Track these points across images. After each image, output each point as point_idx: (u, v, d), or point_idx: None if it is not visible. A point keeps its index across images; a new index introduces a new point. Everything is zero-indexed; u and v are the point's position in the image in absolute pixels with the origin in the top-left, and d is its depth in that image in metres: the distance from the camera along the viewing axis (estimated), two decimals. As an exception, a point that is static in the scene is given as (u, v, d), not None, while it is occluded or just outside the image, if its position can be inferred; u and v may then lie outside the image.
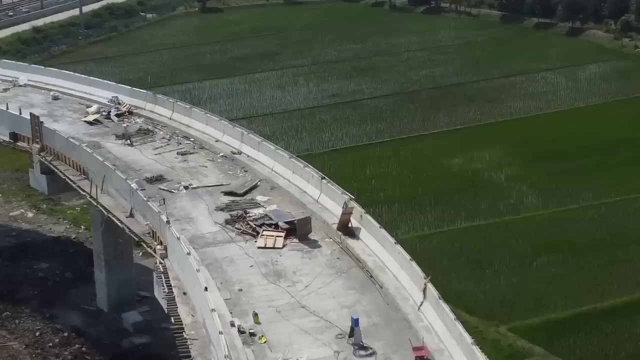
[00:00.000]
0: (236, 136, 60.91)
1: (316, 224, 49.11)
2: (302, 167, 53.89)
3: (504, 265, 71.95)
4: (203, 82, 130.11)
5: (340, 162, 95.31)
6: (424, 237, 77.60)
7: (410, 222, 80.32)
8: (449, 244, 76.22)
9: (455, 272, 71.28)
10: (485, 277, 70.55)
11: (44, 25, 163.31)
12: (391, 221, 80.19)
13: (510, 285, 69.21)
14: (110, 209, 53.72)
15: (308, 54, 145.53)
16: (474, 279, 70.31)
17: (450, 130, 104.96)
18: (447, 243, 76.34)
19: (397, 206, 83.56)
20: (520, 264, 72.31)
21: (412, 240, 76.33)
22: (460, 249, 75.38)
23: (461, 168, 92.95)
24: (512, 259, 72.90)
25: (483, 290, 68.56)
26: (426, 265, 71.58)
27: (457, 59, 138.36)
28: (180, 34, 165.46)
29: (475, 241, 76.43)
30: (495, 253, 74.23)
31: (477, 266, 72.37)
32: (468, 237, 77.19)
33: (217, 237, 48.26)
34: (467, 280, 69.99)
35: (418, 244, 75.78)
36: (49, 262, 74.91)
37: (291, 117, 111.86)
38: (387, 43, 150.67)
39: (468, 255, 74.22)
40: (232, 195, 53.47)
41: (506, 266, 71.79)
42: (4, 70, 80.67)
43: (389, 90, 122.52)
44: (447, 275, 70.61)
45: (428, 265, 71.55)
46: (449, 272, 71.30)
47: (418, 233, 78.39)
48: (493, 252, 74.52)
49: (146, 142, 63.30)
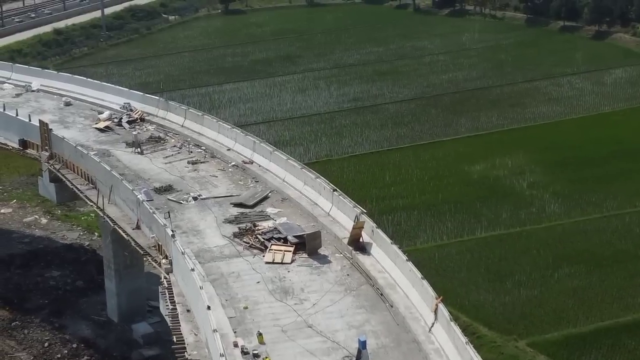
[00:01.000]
0: (248, 145, 59.41)
1: (327, 238, 47.52)
2: (313, 178, 52.32)
3: (525, 276, 70.12)
4: (223, 85, 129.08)
5: (359, 168, 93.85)
6: (442, 246, 75.93)
7: (429, 230, 78.58)
8: (469, 253, 74.45)
9: (474, 283, 69.64)
10: (504, 288, 68.74)
11: (65, 27, 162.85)
12: (410, 230, 78.92)
13: (530, 298, 67.36)
14: (117, 220, 52.35)
15: (330, 56, 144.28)
16: (493, 290, 68.57)
17: (472, 136, 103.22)
18: (466, 253, 74.56)
19: (416, 214, 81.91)
20: (541, 275, 70.44)
21: (430, 250, 75.06)
22: (480, 259, 73.62)
23: (482, 175, 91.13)
24: (532, 270, 71.06)
25: (502, 302, 66.75)
26: (444, 276, 71.32)
27: (481, 63, 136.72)
28: (202, 36, 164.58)
29: (495, 251, 74.65)
30: (516, 264, 72.42)
31: (497, 277, 70.60)
32: (488, 247, 75.42)
33: (224, 251, 46.76)
34: (486, 292, 68.26)
35: (437, 253, 74.39)
36: (61, 270, 73.77)
37: (311, 122, 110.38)
38: (410, 46, 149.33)
39: (487, 266, 72.46)
40: (242, 207, 51.96)
41: (526, 277, 69.97)
42: (18, 75, 79.52)
43: (411, 95, 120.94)
44: (466, 287, 69.16)
45: (446, 276, 71.12)
46: (468, 283, 69.77)
47: (437, 242, 76.72)
48: (513, 262, 72.72)
49: (157, 150, 61.90)
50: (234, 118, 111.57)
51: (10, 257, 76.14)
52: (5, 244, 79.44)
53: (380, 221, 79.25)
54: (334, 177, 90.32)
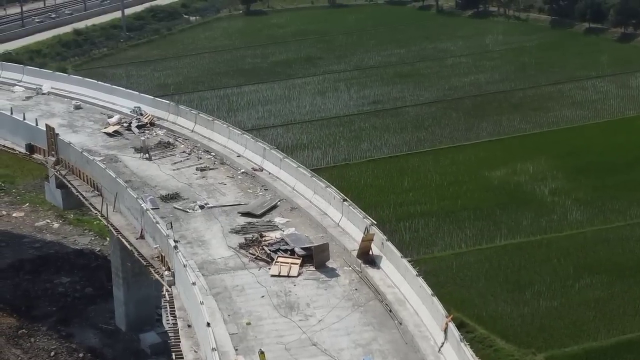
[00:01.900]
0: (258, 151, 57.82)
1: (335, 250, 45.83)
2: (323, 187, 50.59)
3: (544, 286, 68.11)
4: (242, 87, 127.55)
5: (377, 172, 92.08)
6: (461, 254, 74.03)
7: (448, 238, 76.70)
8: (487, 262, 72.50)
9: (492, 294, 67.76)
10: (523, 299, 66.77)
11: (86, 28, 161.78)
12: (427, 237, 77.17)
13: (549, 309, 65.32)
14: (121, 229, 50.88)
15: (351, 58, 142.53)
16: (511, 301, 66.60)
17: (493, 141, 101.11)
18: (485, 261, 72.62)
19: (434, 221, 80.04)
20: (562, 285, 68.39)
21: (448, 258, 73.29)
22: (499, 268, 71.66)
23: (503, 181, 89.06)
24: (552, 280, 69.02)
25: (521, 314, 64.79)
26: (462, 285, 69.51)
27: (504, 65, 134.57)
28: (223, 37, 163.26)
29: (515, 260, 72.65)
30: (536, 273, 70.42)
31: (516, 287, 68.63)
32: (507, 256, 73.44)
33: (229, 263, 45.14)
34: (504, 303, 66.30)
35: (454, 261, 72.58)
36: (71, 276, 72.57)
37: (330, 125, 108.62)
38: (432, 48, 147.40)
39: (506, 275, 70.51)
40: (249, 216, 50.34)
41: (546, 288, 67.94)
42: (29, 77, 78.31)
43: (432, 97, 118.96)
44: (484, 297, 67.35)
45: (464, 286, 69.31)
46: (486, 293, 67.93)
47: (455, 250, 74.80)
48: (533, 272, 70.72)
49: (165, 156, 60.41)
50: (251, 121, 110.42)
51: (20, 262, 75.07)
52: (16, 248, 78.43)
53: (398, 228, 78.33)
54: (351, 182, 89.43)
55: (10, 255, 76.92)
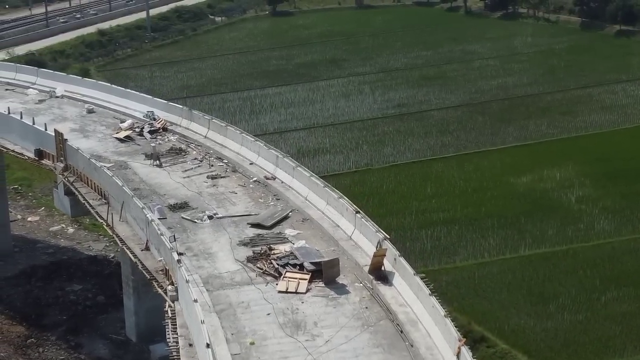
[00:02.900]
0: (271, 159, 55.83)
1: (347, 265, 43.80)
2: (336, 198, 48.54)
3: (569, 299, 65.83)
4: (265, 89, 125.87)
5: (400, 178, 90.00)
6: (483, 264, 71.84)
7: (470, 247, 74.53)
8: (510, 273, 70.28)
9: (515, 306, 65.55)
10: (547, 312, 64.52)
11: (110, 28, 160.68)
12: (449, 246, 75.08)
13: (574, 323, 63.04)
14: (126, 239, 49.08)
15: (376, 60, 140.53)
16: (535, 314, 64.36)
17: (519, 146, 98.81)
18: (508, 272, 70.39)
19: (457, 229, 77.90)
20: (587, 298, 66.04)
21: (470, 268, 71.20)
22: (522, 279, 69.42)
23: (529, 187, 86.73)
24: (578, 293, 66.71)
25: (544, 328, 62.51)
26: (483, 297, 67.28)
27: (532, 68, 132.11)
28: (248, 38, 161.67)
29: (539, 271, 70.38)
30: (560, 285, 68.14)
31: (540, 300, 66.36)
32: (531, 266, 71.18)
33: (235, 278, 43.21)
34: (527, 316, 64.08)
35: (476, 272, 70.47)
36: (83, 283, 71.11)
37: (353, 128, 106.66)
38: (459, 50, 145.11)
39: (530, 287, 68.27)
40: (259, 228, 48.41)
41: (571, 301, 65.65)
42: (43, 80, 76.84)
43: (458, 101, 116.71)
44: (506, 309, 65.17)
45: (486, 297, 67.12)
46: (508, 305, 65.75)
47: (477, 260, 72.59)
48: (558, 284, 68.44)
49: (176, 163, 58.56)
50: (273, 124, 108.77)
51: (32, 268, 73.80)
52: (29, 254, 77.21)
53: (419, 236, 76.28)
54: (373, 188, 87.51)
55: (23, 261, 75.65)
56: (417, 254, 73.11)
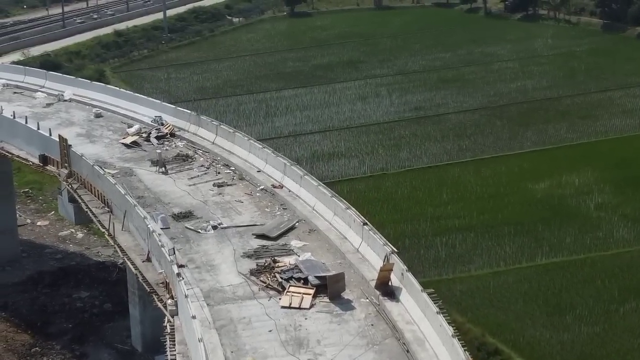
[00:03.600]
0: (279, 167, 54.40)
1: (353, 279, 42.27)
2: (344, 208, 47.02)
3: (587, 310, 63.98)
4: (281, 91, 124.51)
5: (415, 183, 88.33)
6: (499, 273, 70.07)
7: (486, 255, 72.81)
8: (527, 282, 68.51)
9: (531, 317, 63.76)
10: (564, 324, 62.70)
11: (126, 29, 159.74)
12: (465, 254, 73.38)
13: (591, 336, 61.16)
14: (128, 250, 47.71)
15: (394, 62, 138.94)
16: (551, 325, 62.55)
17: (537, 150, 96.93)
18: (524, 282, 68.64)
19: (472, 236, 76.18)
20: (605, 310, 64.19)
21: (485, 277, 69.49)
22: (539, 289, 67.62)
23: (547, 194, 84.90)
24: (596, 304, 64.85)
25: (560, 340, 60.74)
26: (499, 307, 65.53)
27: (552, 71, 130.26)
28: (265, 40, 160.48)
29: (556, 281, 68.58)
30: (578, 295, 66.30)
31: (556, 311, 64.56)
32: (548, 276, 69.37)
33: (238, 292, 41.75)
34: (543, 328, 62.27)
35: (492, 281, 68.75)
36: (90, 290, 70.02)
37: (369, 132, 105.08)
38: (478, 52, 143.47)
39: (547, 297, 66.47)
40: (264, 239, 46.96)
41: (589, 312, 63.80)
42: (51, 83, 75.78)
43: (476, 104, 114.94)
44: (521, 321, 63.40)
45: (501, 308, 65.36)
46: (524, 316, 63.95)
47: (493, 269, 70.84)
48: (575, 294, 66.61)
49: (183, 170, 57.20)
50: (288, 127, 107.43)
51: (39, 274, 72.79)
52: (37, 259, 76.20)
53: (434, 243, 74.65)
54: (387, 193, 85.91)
55: (31, 266, 74.67)
56: (431, 262, 71.71)
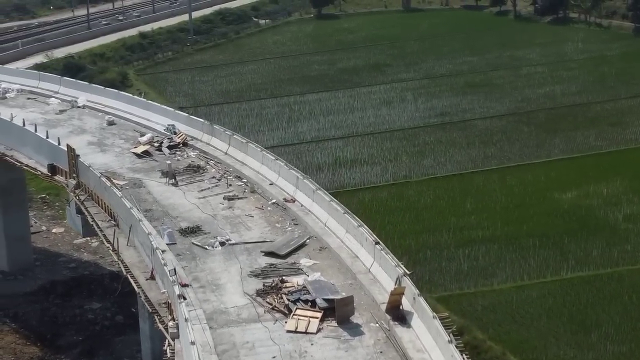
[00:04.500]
0: (291, 180, 52.55)
1: (363, 301, 40.34)
2: (356, 226, 45.10)
3: (613, 328, 61.56)
4: (305, 95, 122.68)
5: (439, 192, 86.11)
6: (522, 287, 67.75)
7: (509, 268, 70.52)
8: (551, 297, 66.18)
9: (555, 335, 61.48)
10: (589, 342, 60.36)
11: (152, 31, 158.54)
12: (488, 267, 71.12)
13: (617, 355, 58.76)
14: (132, 266, 46.06)
15: (421, 66, 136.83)
16: (575, 344, 60.25)
17: (565, 159, 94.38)
18: (548, 297, 66.31)
19: (496, 248, 73.90)
20: (632, 327, 61.71)
21: (508, 292, 67.21)
22: (563, 304, 65.28)
23: (574, 204, 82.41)
24: (622, 321, 62.38)
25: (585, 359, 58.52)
26: (521, 323, 63.21)
27: (582, 75, 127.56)
28: (291, 42, 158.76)
29: (582, 296, 66.20)
30: (604, 312, 63.88)
31: (581, 328, 62.22)
32: (573, 290, 66.98)
33: (242, 314, 39.92)
34: (566, 346, 59.98)
35: (515, 296, 66.45)
36: (102, 301, 68.50)
37: (392, 138, 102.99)
38: (507, 56, 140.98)
39: (571, 314, 64.12)
40: (273, 256, 45.10)
41: (615, 329, 61.36)
42: (65, 89, 74.38)
43: (503, 110, 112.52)
44: (545, 338, 61.12)
45: (524, 324, 63.06)
46: (547, 333, 61.64)
47: (516, 283, 68.57)
48: (601, 310, 64.21)
49: (193, 181, 55.48)
50: (311, 132, 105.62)
51: (52, 284, 71.41)
52: (50, 268, 74.87)
53: (456, 255, 72.40)
54: (410, 202, 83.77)
55: (43, 275, 73.36)
56: (452, 274, 69.65)
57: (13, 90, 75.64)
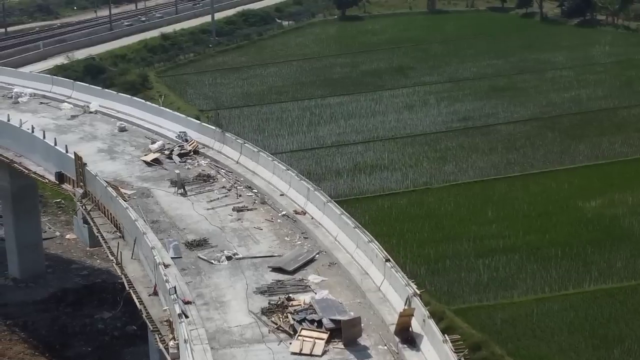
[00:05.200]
0: (302, 191, 50.97)
1: (372, 321, 38.71)
2: (366, 241, 43.46)
3: (636, 344, 59.65)
4: (326, 98, 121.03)
5: (459, 199, 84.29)
6: (543, 300, 65.89)
7: (530, 280, 68.64)
8: (573, 311, 64.27)
9: (575, 350, 59.65)
10: (611, 358, 58.53)
11: (174, 32, 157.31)
12: (508, 278, 69.30)
13: (641, 373, 57.22)
14: (134, 281, 44.58)
15: (445, 69, 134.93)
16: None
17: (590, 166, 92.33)
18: (570, 310, 64.41)
19: (517, 258, 72.05)
20: (657, 343, 60.09)
21: (529, 304, 65.36)
22: (585, 318, 63.38)
23: (598, 213, 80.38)
24: (646, 337, 60.73)
25: (606, 378, 56.86)
26: (541, 338, 61.36)
27: (609, 80, 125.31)
28: (314, 44, 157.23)
29: (604, 309, 64.31)
30: (627, 327, 61.94)
31: (603, 343, 60.32)
32: (596, 304, 65.11)
33: (246, 334, 38.37)
34: (587, 362, 58.30)
35: (535, 309, 64.58)
36: (113, 310, 66.91)
37: (414, 143, 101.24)
38: (532, 59, 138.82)
39: (593, 328, 62.22)
40: (280, 272, 43.55)
41: (638, 345, 59.55)
42: (78, 93, 73.22)
43: (527, 115, 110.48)
44: (565, 353, 59.33)
45: (543, 339, 61.26)
46: (568, 349, 59.83)
47: (537, 295, 66.66)
48: (624, 325, 62.27)
49: (203, 191, 54.01)
50: (331, 137, 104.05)
51: (63, 292, 70.29)
52: (62, 275, 73.71)
53: (476, 266, 70.61)
54: (430, 210, 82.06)
55: (55, 283, 72.18)
56: (472, 286, 67.92)
57: (26, 95, 74.56)
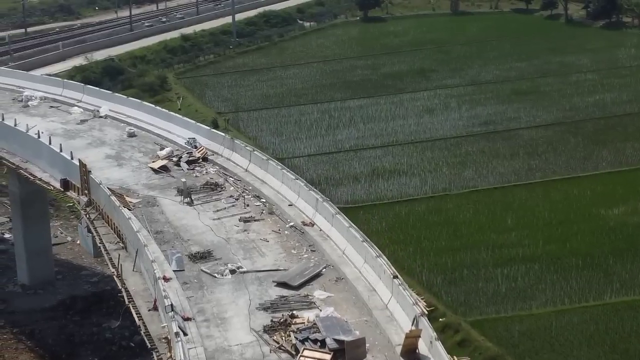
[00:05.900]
0: (311, 202, 49.38)
1: (378, 341, 37.07)
2: (374, 256, 41.82)
3: (659, 359, 57.97)
4: (346, 101, 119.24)
5: (479, 206, 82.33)
6: (563, 312, 63.92)
7: (550, 291, 66.67)
8: (593, 324, 62.31)
9: (595, 366, 57.89)
10: (632, 375, 56.85)
11: (194, 33, 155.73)
12: (526, 289, 67.32)
13: (662, 389, 55.29)
14: (135, 295, 43.20)
15: (467, 72, 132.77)
16: (616, 377, 56.72)
17: (613, 172, 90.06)
18: (590, 322, 62.45)
19: (536, 268, 70.08)
20: (680, 359, 58.11)
21: (547, 316, 63.46)
22: (605, 332, 61.41)
23: (620, 221, 78.19)
24: (669, 352, 58.75)
25: (626, 395, 54.94)
26: (560, 352, 59.37)
27: (634, 83, 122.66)
28: (335, 46, 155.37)
29: (626, 322, 62.26)
30: (649, 341, 60.19)
31: (624, 358, 58.35)
32: (617, 317, 63.05)
33: (246, 354, 36.82)
34: (608, 380, 56.45)
35: (554, 321, 62.65)
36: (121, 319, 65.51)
37: (434, 148, 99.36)
38: (556, 62, 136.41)
39: (614, 342, 60.21)
40: (285, 287, 41.97)
41: (661, 361, 57.82)
42: (88, 97, 72.02)
43: (550, 119, 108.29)
44: (584, 369, 57.60)
45: (562, 353, 59.26)
46: (587, 364, 58.09)
47: (556, 307, 64.72)
48: (646, 339, 60.51)
49: (210, 200, 52.54)
50: (350, 141, 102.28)
51: (72, 299, 69.24)
52: (71, 282, 72.65)
53: (494, 275, 68.77)
54: (448, 217, 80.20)
55: (64, 290, 71.10)
56: (489, 296, 66.07)
57: (36, 98, 73.38)
